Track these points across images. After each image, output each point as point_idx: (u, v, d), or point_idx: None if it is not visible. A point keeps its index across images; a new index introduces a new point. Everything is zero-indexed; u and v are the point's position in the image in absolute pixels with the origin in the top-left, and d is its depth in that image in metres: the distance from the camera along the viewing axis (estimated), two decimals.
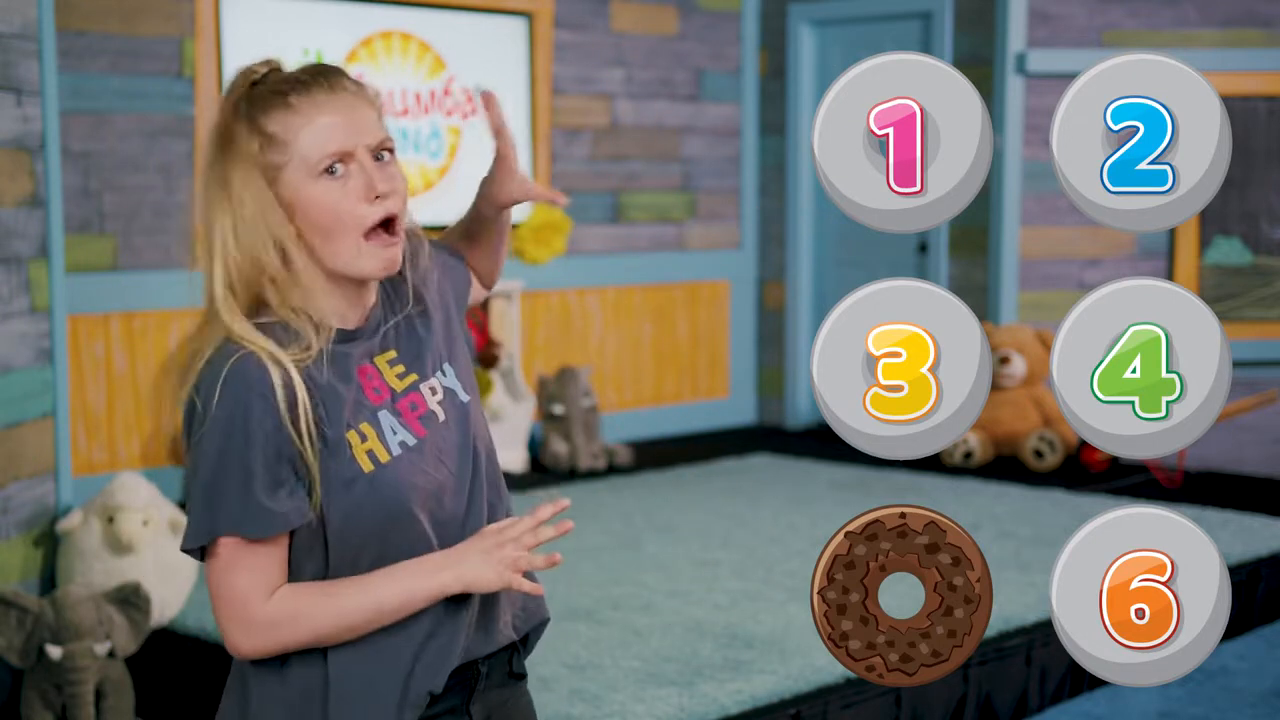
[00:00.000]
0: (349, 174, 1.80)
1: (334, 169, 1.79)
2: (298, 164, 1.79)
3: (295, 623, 1.79)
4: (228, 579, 1.78)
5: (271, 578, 1.79)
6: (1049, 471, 6.57)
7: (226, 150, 1.79)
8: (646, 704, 3.71)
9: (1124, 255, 7.12)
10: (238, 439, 1.74)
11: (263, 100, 1.80)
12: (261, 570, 1.78)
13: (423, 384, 1.90)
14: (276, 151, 1.79)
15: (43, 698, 3.87)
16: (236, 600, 1.78)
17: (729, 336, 8.11)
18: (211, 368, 1.76)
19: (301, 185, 1.79)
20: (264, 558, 1.78)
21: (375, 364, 1.87)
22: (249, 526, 1.76)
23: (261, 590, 1.78)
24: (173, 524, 4.39)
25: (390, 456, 1.82)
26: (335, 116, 1.80)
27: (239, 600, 1.78)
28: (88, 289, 5.68)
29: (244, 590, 1.78)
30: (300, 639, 1.80)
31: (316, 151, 1.79)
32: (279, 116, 1.79)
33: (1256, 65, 6.94)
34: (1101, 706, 4.28)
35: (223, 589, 1.79)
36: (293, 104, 1.79)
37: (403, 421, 1.86)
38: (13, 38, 4.21)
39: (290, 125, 1.79)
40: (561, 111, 7.32)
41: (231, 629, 1.79)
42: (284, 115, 1.79)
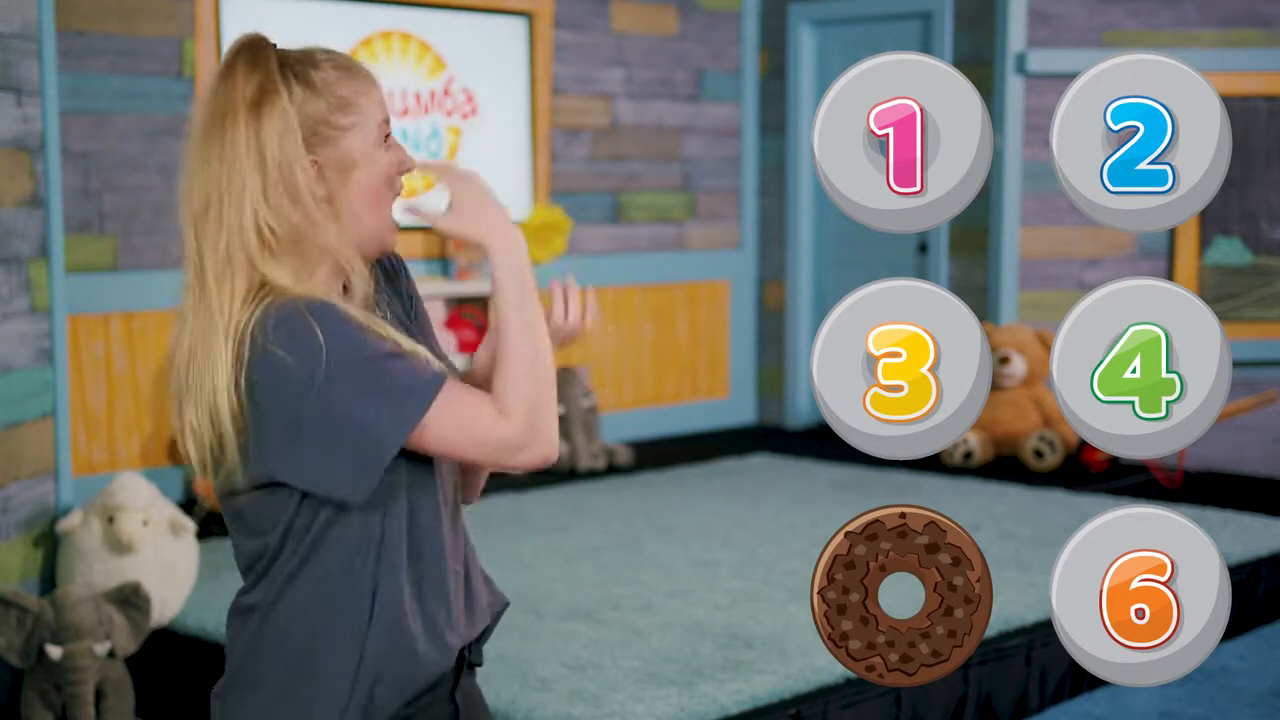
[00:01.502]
0: (390, 144, 1.87)
1: (389, 137, 1.86)
2: (367, 127, 1.83)
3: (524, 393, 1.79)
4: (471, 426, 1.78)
5: (486, 397, 1.80)
6: (1049, 471, 6.56)
7: (264, 110, 1.78)
8: (646, 704, 3.71)
9: (1124, 255, 7.12)
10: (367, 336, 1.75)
11: (321, 65, 1.83)
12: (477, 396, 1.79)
13: None
14: (347, 113, 1.82)
15: (43, 698, 3.87)
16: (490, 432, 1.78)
17: (729, 336, 8.11)
18: (286, 319, 1.74)
19: (367, 148, 1.84)
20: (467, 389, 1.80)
21: None
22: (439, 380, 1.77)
23: (493, 408, 1.78)
24: (173, 524, 4.39)
25: None
26: (379, 91, 1.87)
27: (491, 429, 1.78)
28: (88, 289, 5.68)
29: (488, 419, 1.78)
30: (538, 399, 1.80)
31: (381, 117, 1.85)
32: (349, 82, 1.84)
33: (1256, 65, 6.94)
34: (1101, 706, 4.28)
35: (478, 437, 1.78)
36: (358, 72, 1.85)
37: None
38: (13, 38, 4.21)
39: (360, 90, 1.84)
40: (561, 111, 7.32)
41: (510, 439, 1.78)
42: (353, 81, 1.84)
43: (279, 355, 1.72)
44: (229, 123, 1.78)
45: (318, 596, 1.82)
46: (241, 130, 1.77)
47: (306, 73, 1.82)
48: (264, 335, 1.73)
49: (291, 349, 1.73)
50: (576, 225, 7.30)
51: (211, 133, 1.79)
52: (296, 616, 1.83)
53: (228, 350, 1.75)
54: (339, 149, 1.82)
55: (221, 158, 1.78)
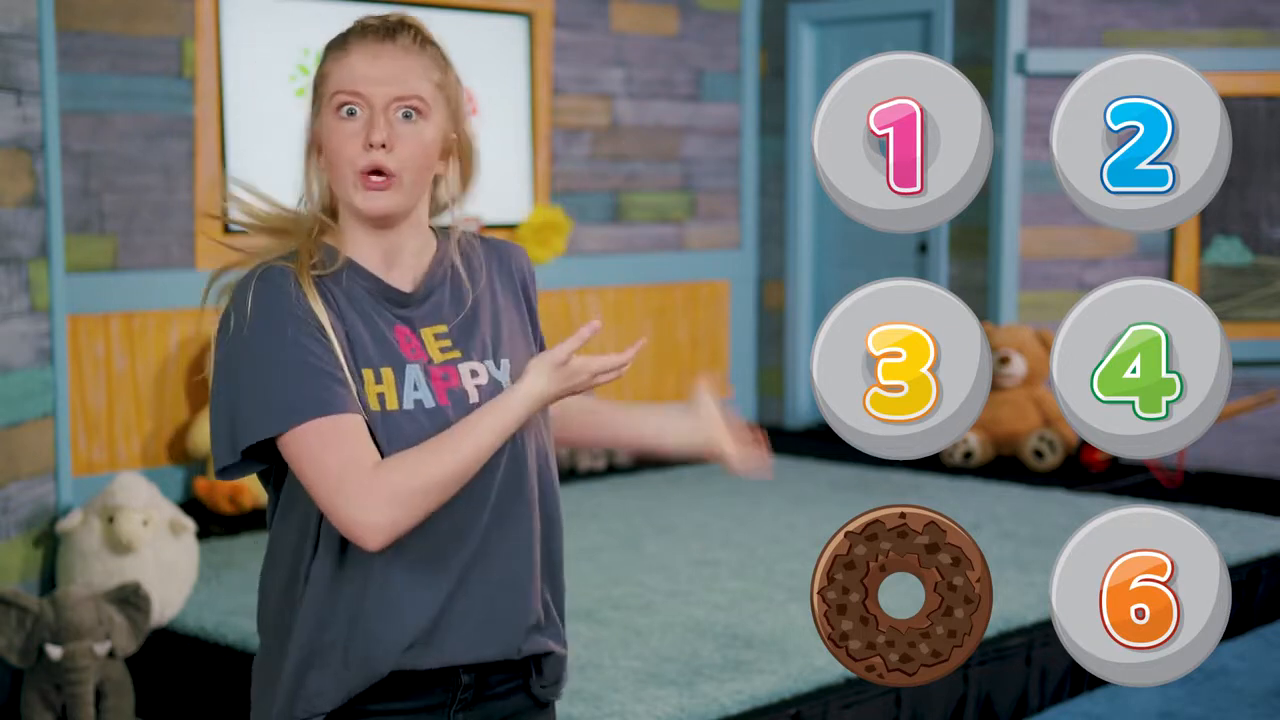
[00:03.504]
0: (359, 118, 1.85)
1: (351, 109, 1.85)
2: (327, 99, 1.87)
3: (413, 477, 1.74)
4: (328, 459, 1.73)
5: (368, 448, 1.76)
6: (1049, 471, 6.56)
7: None
8: (646, 704, 3.71)
9: (1124, 255, 7.12)
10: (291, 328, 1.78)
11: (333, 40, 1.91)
12: (355, 440, 1.75)
13: (463, 364, 1.89)
14: (321, 85, 1.88)
15: (43, 698, 3.87)
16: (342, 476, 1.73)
17: (729, 336, 8.11)
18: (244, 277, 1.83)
19: (325, 118, 1.87)
20: (355, 428, 1.76)
21: (419, 333, 1.88)
22: (331, 404, 1.75)
23: (366, 459, 1.74)
24: (173, 524, 4.39)
25: (399, 407, 1.82)
26: (367, 60, 1.86)
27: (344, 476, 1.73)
28: (88, 289, 5.68)
29: (347, 463, 1.73)
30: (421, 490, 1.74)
31: (335, 88, 1.86)
32: (331, 55, 1.89)
33: (1256, 65, 6.94)
34: (1101, 706, 4.28)
35: (328, 476, 1.73)
36: (343, 44, 1.88)
37: (429, 385, 1.85)
38: (13, 38, 4.21)
39: (334, 63, 1.87)
40: (561, 111, 7.32)
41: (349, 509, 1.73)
42: (334, 54, 1.88)
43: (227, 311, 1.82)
44: None
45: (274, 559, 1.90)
46: None
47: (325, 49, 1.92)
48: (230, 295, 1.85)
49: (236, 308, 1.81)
50: (576, 225, 7.30)
51: None
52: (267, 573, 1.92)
53: None
54: (317, 122, 1.89)
55: None
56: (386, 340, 1.84)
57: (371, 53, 1.85)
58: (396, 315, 1.87)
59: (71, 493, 4.53)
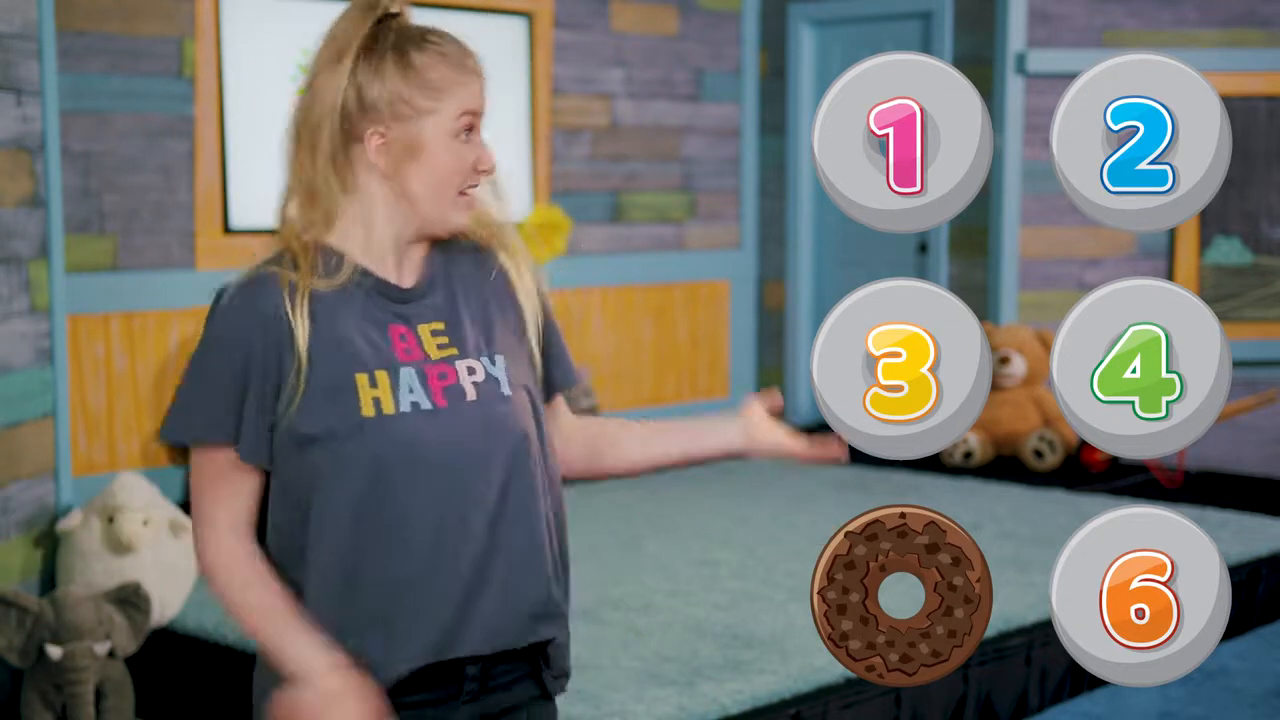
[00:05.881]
0: (472, 140, 1.88)
1: (467, 133, 1.87)
2: (445, 116, 1.85)
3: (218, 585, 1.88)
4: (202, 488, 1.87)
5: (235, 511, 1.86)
6: (1049, 471, 6.56)
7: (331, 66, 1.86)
8: (646, 704, 3.71)
9: (1124, 255, 7.11)
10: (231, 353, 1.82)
11: (425, 46, 1.87)
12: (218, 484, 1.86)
13: (461, 360, 1.89)
14: (429, 97, 1.85)
15: (43, 698, 3.87)
16: (202, 517, 1.88)
17: (729, 336, 8.11)
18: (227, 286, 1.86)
19: (439, 137, 1.85)
20: (221, 472, 1.85)
21: (416, 330, 1.87)
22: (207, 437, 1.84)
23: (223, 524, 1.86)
24: (173, 524, 4.39)
25: (395, 410, 1.82)
26: (479, 84, 1.89)
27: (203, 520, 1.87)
28: (88, 289, 5.68)
29: (202, 507, 1.87)
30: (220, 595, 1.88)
31: (465, 107, 1.87)
32: (443, 68, 1.86)
33: (1256, 65, 6.94)
34: (1101, 706, 4.28)
35: (198, 499, 1.89)
36: (459, 62, 1.88)
37: (425, 386, 1.85)
38: (13, 38, 4.21)
39: (452, 80, 1.86)
40: (561, 111, 7.32)
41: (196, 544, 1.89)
42: (448, 69, 1.87)
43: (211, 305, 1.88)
44: (320, 61, 1.86)
45: None
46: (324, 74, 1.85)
47: (406, 48, 1.86)
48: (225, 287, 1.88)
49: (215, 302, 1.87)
50: (576, 225, 7.30)
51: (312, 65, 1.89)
52: None
53: None
54: (410, 129, 1.84)
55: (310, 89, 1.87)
56: (380, 343, 1.84)
57: (479, 75, 1.91)
58: (394, 313, 1.87)
59: (71, 493, 4.53)
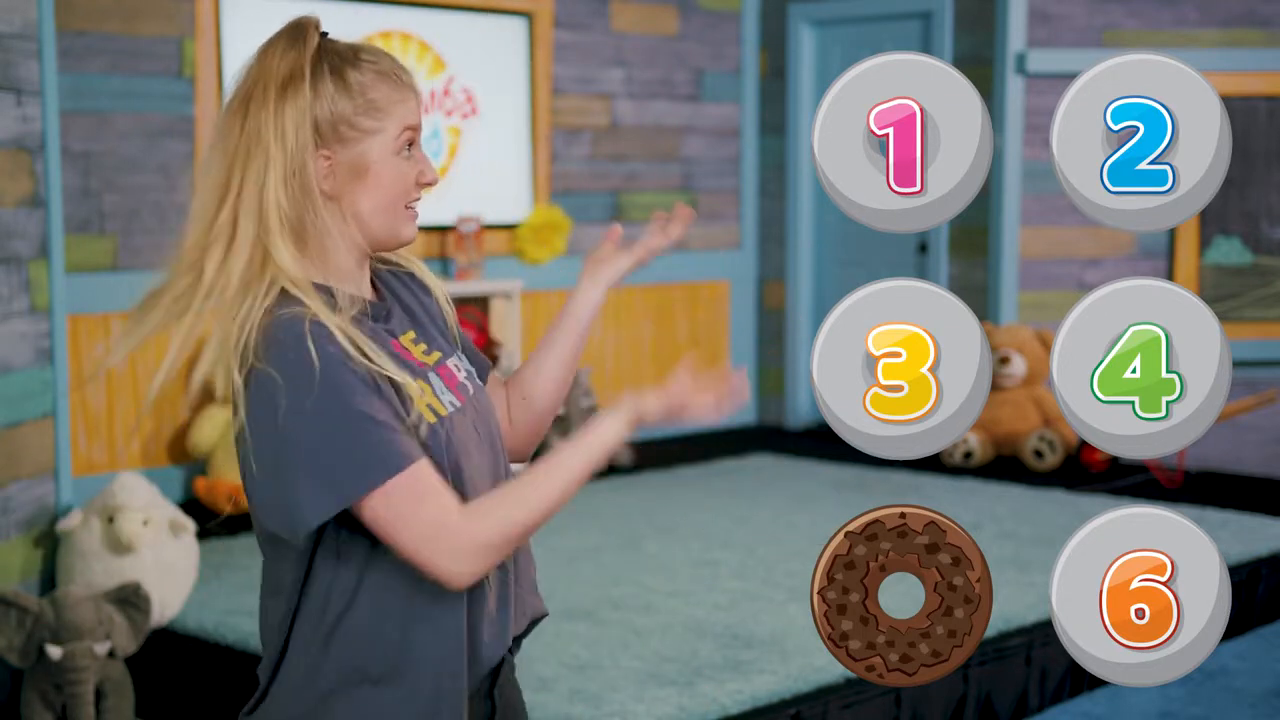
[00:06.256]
0: (414, 155, 1.86)
1: (409, 148, 1.85)
2: (389, 135, 1.83)
3: (504, 526, 1.75)
4: (419, 514, 1.72)
5: (450, 494, 1.75)
6: (1049, 471, 6.56)
7: (289, 95, 1.78)
8: (646, 704, 3.71)
9: (1124, 255, 7.12)
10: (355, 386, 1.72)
11: (361, 65, 1.84)
12: (440, 489, 1.74)
13: (447, 360, 1.92)
14: (372, 117, 1.82)
15: (43, 698, 3.87)
16: (435, 528, 1.72)
17: (729, 336, 8.11)
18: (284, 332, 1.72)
19: (385, 156, 1.83)
20: (434, 477, 1.74)
21: (401, 341, 1.88)
22: (411, 455, 1.72)
23: (453, 508, 1.74)
24: (173, 524, 4.39)
25: (446, 412, 1.83)
26: (416, 100, 1.87)
27: (437, 527, 1.73)
28: (88, 289, 5.68)
29: (438, 515, 1.73)
30: (511, 539, 1.76)
31: (406, 123, 1.84)
32: (383, 87, 1.83)
33: (1256, 65, 6.94)
34: (1101, 706, 4.28)
35: (416, 525, 1.72)
36: (396, 78, 1.85)
37: (445, 386, 1.87)
38: (13, 38, 4.21)
39: (392, 98, 1.83)
40: (561, 111, 7.32)
41: (440, 561, 1.73)
42: (388, 87, 1.83)
43: (269, 375, 1.71)
44: (256, 99, 1.79)
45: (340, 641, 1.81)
46: (270, 108, 1.78)
47: (343, 69, 1.82)
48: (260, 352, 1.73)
49: (283, 370, 1.71)
50: (576, 225, 7.30)
51: (237, 107, 1.80)
52: None
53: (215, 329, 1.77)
54: (355, 151, 1.82)
55: (243, 130, 1.78)
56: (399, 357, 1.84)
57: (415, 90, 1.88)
58: (385, 329, 1.87)
59: (71, 493, 4.53)
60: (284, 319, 1.73)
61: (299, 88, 1.79)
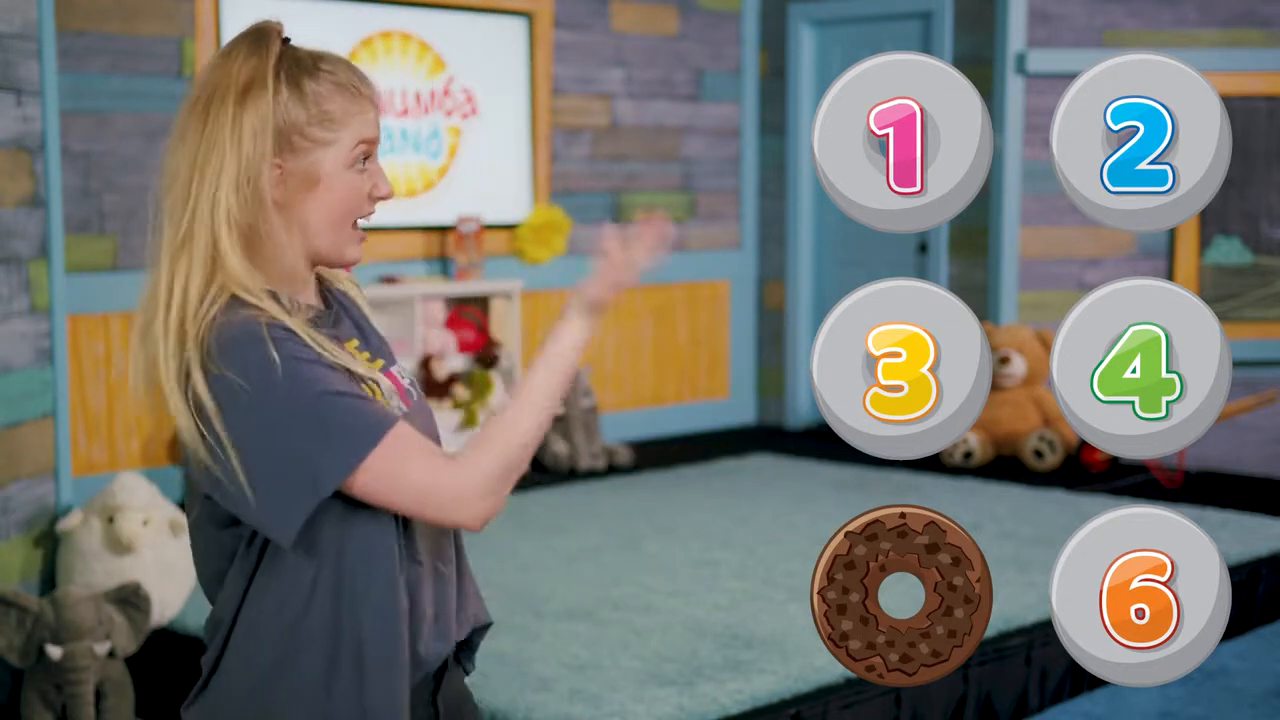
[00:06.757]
0: (369, 168, 1.85)
1: (364, 162, 1.84)
2: (343, 147, 1.81)
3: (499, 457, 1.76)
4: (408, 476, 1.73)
5: (435, 447, 1.77)
6: (1049, 471, 6.56)
7: (249, 101, 1.77)
8: (646, 704, 3.71)
9: (1124, 255, 7.12)
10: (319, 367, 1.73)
11: (319, 75, 1.82)
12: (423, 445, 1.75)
13: (391, 368, 1.93)
14: (326, 128, 1.80)
15: (43, 698, 3.87)
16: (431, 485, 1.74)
17: (729, 336, 8.11)
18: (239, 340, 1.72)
19: (337, 169, 1.81)
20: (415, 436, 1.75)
21: (347, 348, 1.87)
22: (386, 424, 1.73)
23: (440, 460, 1.75)
24: (173, 524, 4.39)
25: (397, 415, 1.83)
26: (374, 112, 1.85)
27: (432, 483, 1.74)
28: (88, 289, 5.68)
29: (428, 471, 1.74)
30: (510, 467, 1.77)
31: (362, 136, 1.82)
32: (339, 99, 1.81)
33: (1256, 65, 6.94)
34: (1101, 706, 4.28)
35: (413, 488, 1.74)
36: (353, 90, 1.82)
37: (394, 389, 1.89)
38: (13, 38, 4.21)
39: (349, 110, 1.82)
40: (561, 111, 7.32)
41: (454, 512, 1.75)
42: (344, 99, 1.82)
43: (229, 379, 1.71)
44: (215, 103, 1.77)
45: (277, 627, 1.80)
46: (228, 113, 1.77)
47: (300, 79, 1.80)
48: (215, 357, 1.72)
49: (244, 372, 1.71)
50: (576, 225, 7.30)
51: (197, 109, 1.79)
52: None
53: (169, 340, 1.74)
54: (307, 161, 1.80)
55: (202, 135, 1.77)
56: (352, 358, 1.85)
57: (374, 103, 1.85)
58: (332, 335, 1.86)
59: (71, 493, 4.53)
60: (237, 322, 1.73)
61: (260, 95, 1.77)
